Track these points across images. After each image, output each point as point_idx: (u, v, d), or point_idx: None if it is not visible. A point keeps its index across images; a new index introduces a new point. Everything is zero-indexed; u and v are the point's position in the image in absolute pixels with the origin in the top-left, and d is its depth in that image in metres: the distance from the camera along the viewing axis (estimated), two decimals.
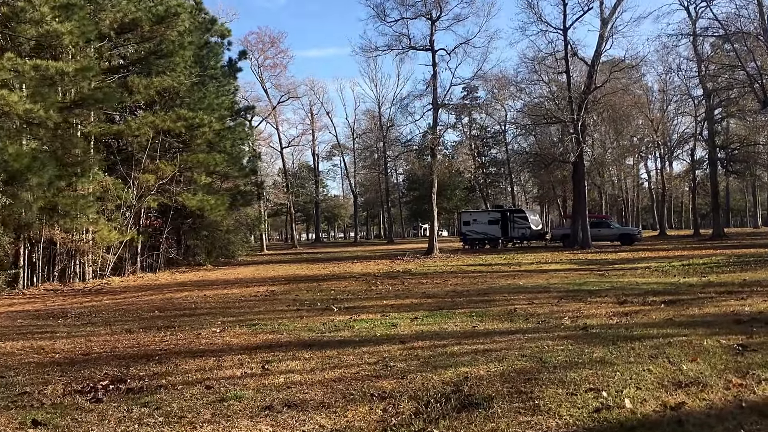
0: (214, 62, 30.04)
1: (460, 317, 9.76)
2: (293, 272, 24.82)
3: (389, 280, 18.49)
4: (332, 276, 21.55)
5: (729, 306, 9.88)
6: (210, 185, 34.03)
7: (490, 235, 43.76)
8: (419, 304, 11.91)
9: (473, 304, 11.46)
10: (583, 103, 35.74)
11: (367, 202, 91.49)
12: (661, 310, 9.70)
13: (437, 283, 16.82)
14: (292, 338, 8.15)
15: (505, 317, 9.56)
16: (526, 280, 16.55)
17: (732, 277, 15.35)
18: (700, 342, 6.64)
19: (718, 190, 46.78)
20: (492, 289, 14.43)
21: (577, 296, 12.15)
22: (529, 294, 12.93)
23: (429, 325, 8.97)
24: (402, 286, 16.01)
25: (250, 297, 14.60)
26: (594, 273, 18.56)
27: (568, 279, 16.48)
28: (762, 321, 8.10)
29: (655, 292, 12.36)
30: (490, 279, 17.50)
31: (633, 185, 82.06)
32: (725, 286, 13.26)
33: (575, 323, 8.58)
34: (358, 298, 13.38)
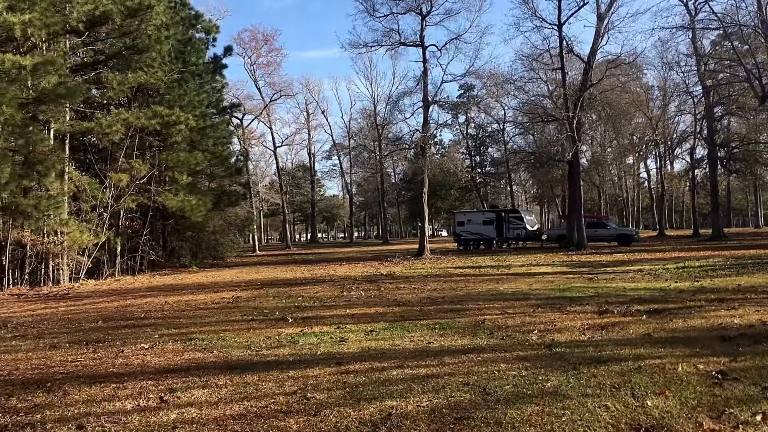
0: (195, 58, 29.13)
1: (420, 330, 8.87)
2: (273, 275, 23.92)
3: (367, 284, 17.59)
4: (310, 280, 20.65)
5: (717, 317, 8.97)
6: (195, 185, 33.16)
7: (485, 236, 42.85)
8: (384, 313, 11.01)
9: (442, 314, 10.56)
10: (578, 101, 34.81)
11: (365, 202, 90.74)
12: (641, 323, 8.79)
13: (415, 288, 15.91)
14: (220, 358, 7.26)
15: (468, 331, 8.66)
16: (508, 285, 15.65)
17: (726, 281, 14.45)
18: (675, 367, 5.73)
19: (718, 190, 45.82)
20: (469, 295, 13.52)
21: (556, 305, 11.25)
22: (506, 302, 12.03)
23: (381, 341, 8.08)
24: (376, 292, 15.11)
25: (212, 304, 13.71)
26: (583, 277, 17.65)
27: (554, 284, 15.58)
28: (750, 337, 7.20)
29: (640, 300, 11.46)
30: (471, 284, 16.60)
31: (633, 185, 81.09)
32: (718, 292, 12.38)
33: (542, 339, 7.67)
34: (323, 306, 12.48)
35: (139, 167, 23.22)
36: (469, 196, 70.00)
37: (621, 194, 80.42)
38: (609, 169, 65.01)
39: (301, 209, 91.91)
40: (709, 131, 42.86)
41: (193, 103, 27.54)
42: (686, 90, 43.65)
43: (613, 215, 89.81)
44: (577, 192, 36.40)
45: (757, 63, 20.98)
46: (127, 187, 24.96)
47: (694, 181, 50.91)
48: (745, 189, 78.71)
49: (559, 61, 36.36)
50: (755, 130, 42.46)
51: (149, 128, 23.19)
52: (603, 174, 65.17)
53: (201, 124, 28.63)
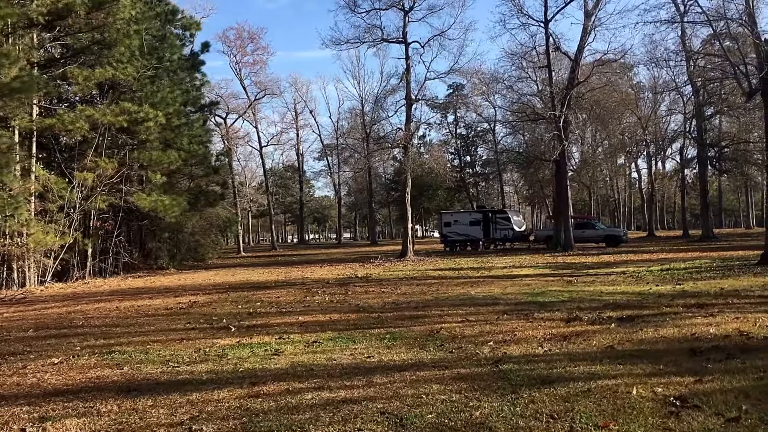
0: (170, 54, 28.28)
1: (367, 341, 8.10)
2: (246, 278, 23.14)
3: (336, 288, 16.82)
4: (281, 283, 19.89)
5: (692, 326, 8.24)
6: (172, 185, 32.31)
7: (472, 237, 42.11)
8: (338, 321, 10.24)
9: (399, 322, 9.80)
10: (565, 99, 34.12)
11: (355, 203, 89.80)
12: (608, 332, 8.04)
13: (384, 292, 15.15)
14: (126, 376, 6.47)
15: (419, 342, 7.89)
16: (482, 289, 14.90)
17: (709, 285, 13.75)
18: (629, 390, 4.96)
19: (709, 190, 45.20)
20: (437, 300, 12.77)
21: (524, 311, 10.50)
22: (472, 307, 11.27)
23: (319, 354, 7.31)
24: (342, 297, 14.33)
25: (163, 310, 12.90)
26: (563, 279, 16.94)
27: (530, 287, 14.84)
28: (723, 351, 6.45)
29: (615, 305, 10.73)
30: (445, 287, 15.85)
31: (625, 185, 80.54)
32: (698, 296, 11.68)
33: (494, 353, 6.91)
34: (278, 313, 11.70)
35: (105, 165, 22.33)
36: (459, 197, 69.28)
37: (612, 195, 79.85)
38: (600, 170, 64.36)
39: (291, 210, 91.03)
40: (698, 130, 42.24)
41: (167, 100, 26.65)
42: (676, 88, 42.99)
43: (605, 216, 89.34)
44: (563, 192, 35.73)
45: (743, 58, 20.25)
46: (95, 186, 24.09)
47: (684, 181, 50.29)
48: (737, 189, 78.19)
49: (545, 58, 35.66)
50: (745, 129, 41.81)
51: (116, 125, 22.30)
52: (594, 174, 64.59)
53: (176, 121, 27.81)
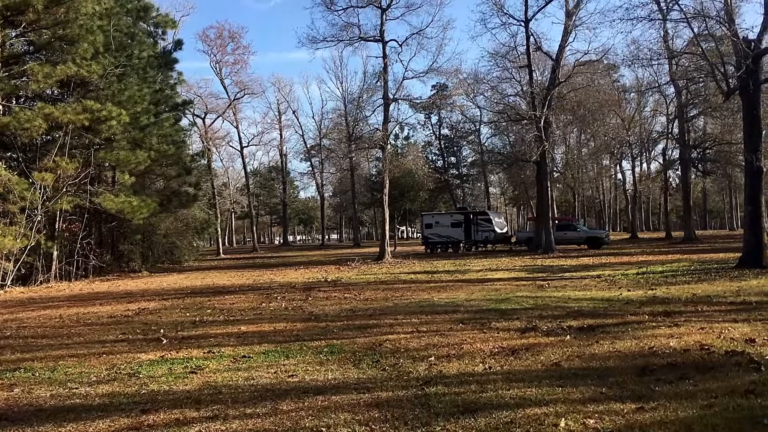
0: (138, 51, 27.47)
1: (301, 356, 7.48)
2: (212, 282, 22.43)
3: (299, 293, 16.18)
4: (245, 287, 19.21)
5: (653, 338, 7.68)
6: (143, 186, 31.55)
7: (453, 239, 41.51)
8: (282, 331, 9.59)
9: (346, 332, 9.18)
10: (546, 100, 33.62)
11: (340, 204, 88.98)
12: (561, 345, 7.45)
13: (346, 297, 14.52)
14: (8, 401, 5.79)
15: (356, 357, 7.28)
16: (448, 294, 14.31)
17: (682, 290, 13.23)
18: (557, 422, 4.34)
19: (691, 191, 44.89)
20: (396, 307, 12.14)
21: (482, 320, 9.89)
22: (430, 315, 10.66)
23: (241, 371, 6.67)
24: (300, 303, 13.69)
25: (105, 319, 12.19)
26: (534, 284, 16.38)
27: (498, 293, 14.27)
28: (677, 369, 5.88)
29: (578, 314, 10.16)
30: (410, 292, 15.24)
31: (610, 186, 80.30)
32: (668, 303, 11.16)
33: (429, 371, 6.30)
34: (224, 321, 11.03)
35: (66, 166, 21.51)
36: (444, 198, 68.72)
37: (598, 196, 79.57)
38: (584, 171, 63.98)
39: (276, 211, 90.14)
40: (681, 131, 41.91)
41: (134, 99, 25.85)
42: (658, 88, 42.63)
43: (591, 217, 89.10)
44: (544, 193, 35.24)
45: (722, 57, 19.79)
46: (58, 187, 23.29)
47: (667, 183, 49.97)
48: (722, 191, 78.11)
49: (527, 58, 35.15)
50: (728, 130, 41.47)
51: (77, 124, 21.50)
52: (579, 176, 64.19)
53: (145, 120, 27.04)
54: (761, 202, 18.52)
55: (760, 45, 18.29)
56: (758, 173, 18.23)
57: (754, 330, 8.00)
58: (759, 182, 18.36)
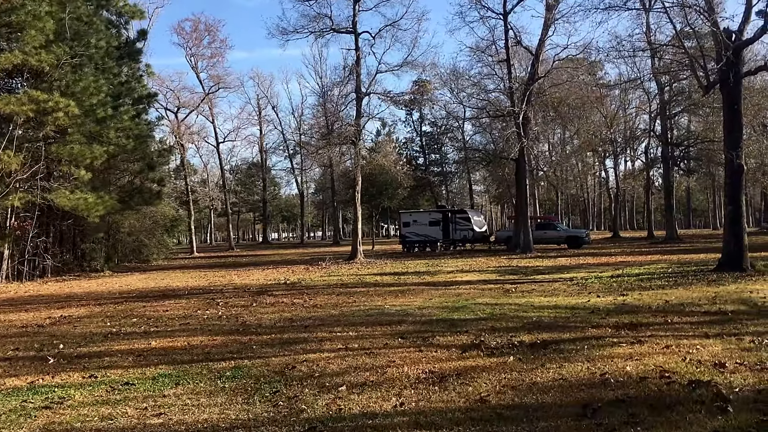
0: (96, 40, 26.07)
1: (195, 382, 6.37)
2: (166, 284, 21.28)
3: (246, 298, 15.08)
4: (196, 290, 18.10)
5: (609, 359, 6.64)
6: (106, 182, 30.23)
7: (431, 238, 40.43)
8: (194, 347, 8.47)
9: (265, 350, 8.07)
10: (525, 95, 32.57)
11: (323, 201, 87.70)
12: (501, 370, 6.37)
13: (294, 303, 13.42)
14: None
15: (257, 385, 6.18)
16: (404, 300, 13.24)
17: (655, 296, 12.22)
18: None
19: (674, 190, 44.06)
20: (339, 317, 11.04)
21: (425, 333, 8.81)
22: (370, 328, 9.57)
23: (106, 406, 5.54)
24: (240, 310, 12.57)
25: (16, 329, 11.00)
26: (501, 288, 15.34)
27: (458, 298, 13.20)
28: (625, 408, 4.79)
29: (535, 326, 9.11)
30: (365, 298, 14.14)
31: (594, 185, 79.61)
32: (636, 312, 10.16)
33: (327, 409, 5.18)
34: (140, 334, 9.88)
35: (8, 160, 20.16)
36: (426, 195, 67.60)
37: (582, 195, 78.86)
38: (566, 168, 63.15)
39: (258, 208, 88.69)
40: (663, 129, 41.07)
41: (90, 90, 24.52)
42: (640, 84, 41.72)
43: (576, 216, 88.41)
44: (523, 192, 34.22)
45: (701, 48, 18.83)
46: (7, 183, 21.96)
47: (649, 181, 49.16)
48: (706, 190, 77.55)
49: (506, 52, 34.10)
50: (711, 128, 40.66)
51: (21, 115, 20.17)
52: (562, 174, 63.42)
53: (101, 113, 25.67)
54: (742, 201, 17.56)
55: (741, 36, 17.34)
56: (739, 171, 17.25)
57: (726, 350, 6.95)
58: (740, 181, 17.39)
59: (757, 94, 38.98)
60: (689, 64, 19.94)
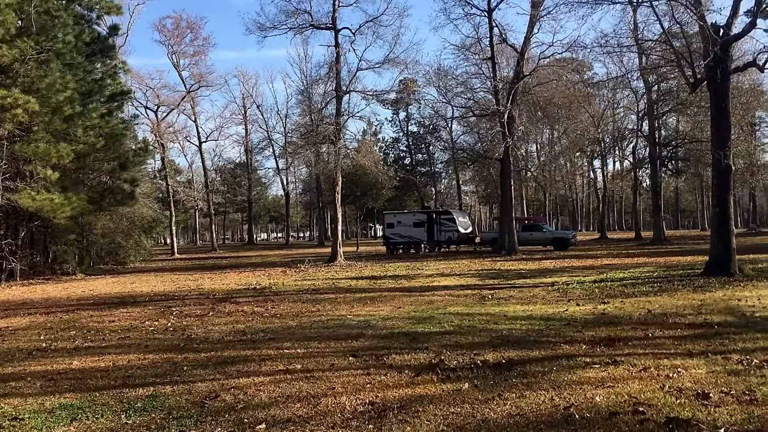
0: (63, 34, 25.02)
1: (97, 416, 5.51)
2: (131, 288, 20.37)
3: (207, 305, 14.20)
4: (158, 296, 17.19)
5: (577, 387, 5.82)
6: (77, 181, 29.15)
7: (415, 239, 39.63)
8: (121, 368, 7.59)
9: (198, 371, 7.20)
10: (510, 94, 31.80)
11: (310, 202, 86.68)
12: (452, 401, 5.53)
13: (254, 312, 12.58)
14: None
15: (165, 420, 5.27)
16: (370, 309, 12.39)
17: (637, 304, 11.45)
18: None
19: (661, 190, 43.40)
20: (296, 329, 10.20)
21: (382, 350, 7.98)
22: (324, 343, 8.73)
23: None
24: (193, 320, 11.68)
25: None
26: (478, 294, 14.56)
27: (429, 306, 12.38)
28: None
29: (504, 341, 8.31)
30: (331, 306, 13.29)
31: (583, 185, 79.08)
32: (615, 324, 9.39)
33: None
34: (68, 350, 9.01)
35: None
36: (413, 196, 66.75)
37: (570, 195, 78.26)
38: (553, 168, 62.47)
39: (244, 208, 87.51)
40: (650, 129, 40.43)
41: (56, 86, 23.51)
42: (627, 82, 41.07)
43: (564, 216, 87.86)
44: (508, 192, 33.45)
45: (688, 44, 18.10)
46: None
47: (636, 181, 48.52)
48: (694, 190, 77.10)
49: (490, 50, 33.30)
50: (699, 128, 40.07)
51: None
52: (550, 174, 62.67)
53: (68, 110, 24.65)
54: (730, 203, 16.82)
55: (729, 31, 16.60)
56: (726, 172, 16.51)
57: (711, 374, 6.13)
58: (727, 181, 16.64)
59: (746, 93, 38.45)
60: (676, 60, 19.22)
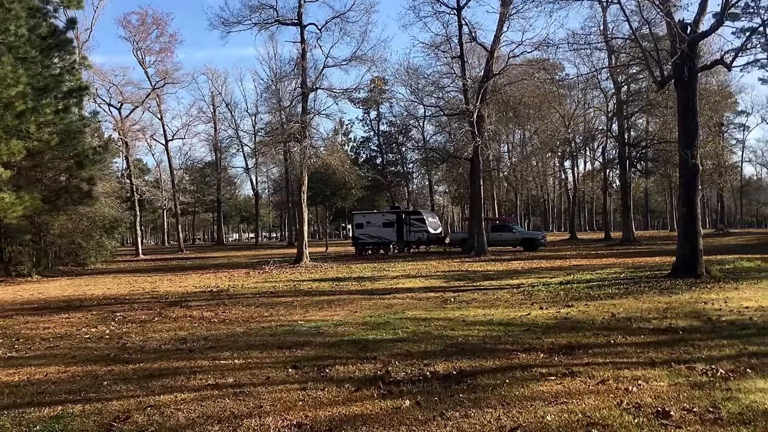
0: (15, 27, 23.94)
1: None
2: (84, 292, 19.59)
3: (156, 309, 13.52)
4: (107, 299, 16.51)
5: (528, 403, 5.33)
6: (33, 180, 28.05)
7: (385, 240, 39.10)
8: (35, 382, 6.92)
9: (120, 386, 6.58)
10: (479, 93, 31.42)
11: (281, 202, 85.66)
12: (388, 421, 4.97)
13: (203, 317, 11.93)
14: None
15: None
16: (325, 314, 11.84)
17: (602, 308, 11.05)
18: None
19: (630, 191, 43.48)
20: (240, 336, 9.59)
21: (323, 361, 7.41)
22: (265, 352, 8.19)
23: None
24: (136, 326, 11.00)
25: None
26: (441, 297, 14.12)
27: (387, 311, 11.87)
28: None
29: (458, 349, 7.84)
30: (284, 310, 12.74)
31: (554, 185, 79.33)
32: (577, 330, 8.97)
33: None
34: None
35: None
36: (385, 196, 66.21)
37: (542, 196, 78.43)
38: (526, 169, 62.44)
39: (214, 208, 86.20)
40: (620, 129, 40.45)
41: (7, 81, 22.44)
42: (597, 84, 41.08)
43: (536, 217, 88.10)
44: (477, 192, 33.10)
45: (657, 44, 17.86)
46: None
47: (606, 182, 48.60)
48: (664, 191, 77.71)
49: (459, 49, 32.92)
50: (668, 129, 40.18)
51: None
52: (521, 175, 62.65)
53: (20, 106, 23.58)
54: (697, 203, 16.58)
55: (696, 29, 16.35)
56: (694, 171, 16.25)
57: (673, 387, 5.66)
58: (695, 181, 16.38)
59: (714, 94, 38.67)
60: (644, 59, 18.97)
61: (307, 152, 28.20)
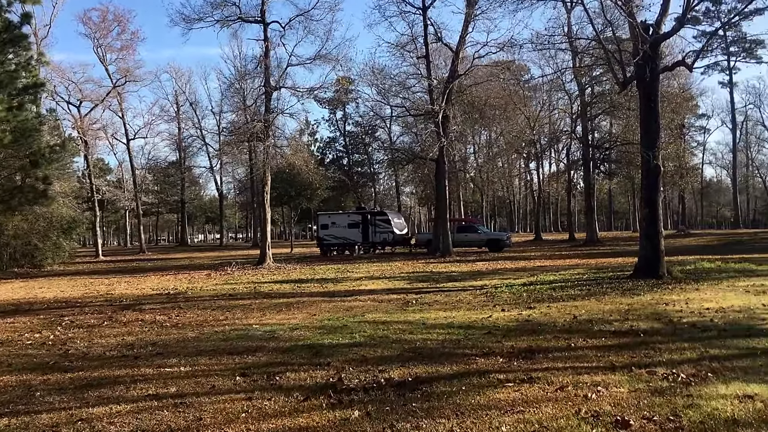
0: None
1: None
2: (35, 295, 18.97)
3: (107, 313, 13.00)
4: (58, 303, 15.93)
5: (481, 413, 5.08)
6: None
7: (350, 241, 38.76)
8: None
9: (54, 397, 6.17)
10: (444, 93, 31.28)
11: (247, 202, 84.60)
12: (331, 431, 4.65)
13: (155, 321, 11.49)
14: None
15: None
16: (282, 317, 11.51)
17: (564, 310, 10.90)
18: None
19: (594, 192, 43.85)
20: (191, 342, 9.19)
21: (274, 368, 7.08)
22: (215, 359, 7.79)
23: None
24: (83, 331, 10.53)
25: None
26: (403, 299, 13.87)
27: (347, 314, 11.56)
28: None
29: (415, 354, 7.56)
30: (241, 313, 12.34)
31: (520, 187, 79.84)
32: (537, 333, 8.80)
33: None
34: None
35: None
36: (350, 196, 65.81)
37: (508, 197, 78.88)
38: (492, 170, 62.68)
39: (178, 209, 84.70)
40: (584, 131, 40.76)
41: None
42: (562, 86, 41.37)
43: (502, 218, 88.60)
44: (442, 193, 32.93)
45: (619, 44, 17.86)
46: None
47: (570, 183, 49.02)
48: (627, 192, 78.85)
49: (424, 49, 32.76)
50: (631, 131, 40.63)
51: None
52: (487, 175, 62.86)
53: None
54: (659, 203, 16.59)
55: (658, 30, 16.40)
56: (656, 172, 16.27)
57: (633, 393, 5.47)
58: (656, 182, 16.40)
59: (676, 97, 39.21)
60: (606, 59, 19.02)
61: (271, 152, 27.69)
